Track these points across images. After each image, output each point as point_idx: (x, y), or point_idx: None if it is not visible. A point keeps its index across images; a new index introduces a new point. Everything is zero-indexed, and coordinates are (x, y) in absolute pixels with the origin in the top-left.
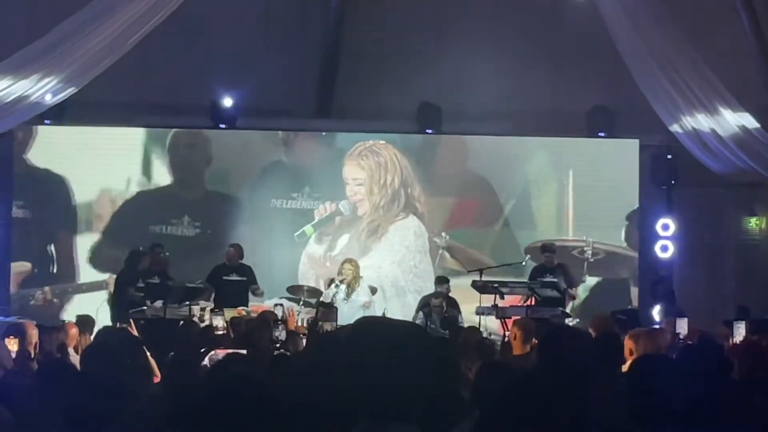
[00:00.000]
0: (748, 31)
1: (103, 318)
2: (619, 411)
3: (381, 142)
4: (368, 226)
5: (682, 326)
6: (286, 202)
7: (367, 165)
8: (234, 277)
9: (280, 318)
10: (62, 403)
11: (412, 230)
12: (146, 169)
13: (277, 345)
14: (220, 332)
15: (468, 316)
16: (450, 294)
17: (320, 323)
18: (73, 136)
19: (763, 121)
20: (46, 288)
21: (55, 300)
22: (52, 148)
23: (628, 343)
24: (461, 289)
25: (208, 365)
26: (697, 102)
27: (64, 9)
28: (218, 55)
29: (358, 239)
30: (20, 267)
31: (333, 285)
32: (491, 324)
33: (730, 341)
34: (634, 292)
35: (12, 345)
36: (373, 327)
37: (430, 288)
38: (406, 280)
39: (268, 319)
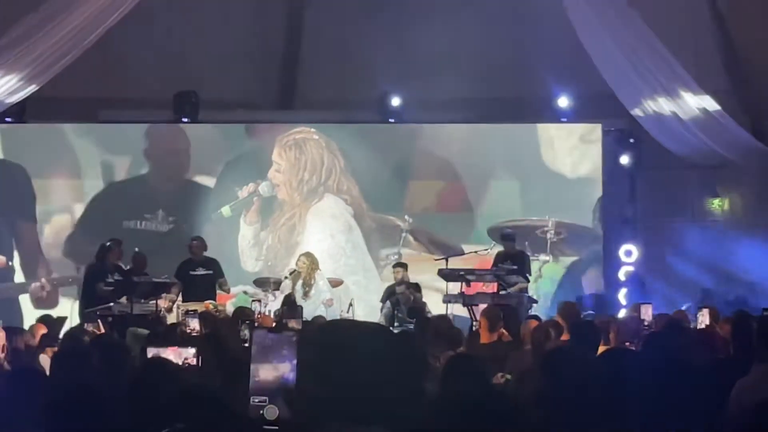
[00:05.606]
0: (708, 14)
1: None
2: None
3: (311, 131)
4: (287, 223)
5: (647, 312)
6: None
7: (288, 158)
8: (201, 272)
9: (251, 316)
10: (34, 409)
11: (328, 213)
12: (114, 164)
13: (246, 344)
14: (195, 334)
15: (433, 300)
16: (410, 280)
17: (285, 321)
18: (40, 134)
19: (723, 104)
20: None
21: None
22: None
23: None
24: (426, 269)
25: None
26: (658, 86)
27: (22, 8)
28: (181, 48)
29: (281, 241)
30: None
31: (285, 279)
32: (458, 310)
33: (691, 326)
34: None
35: None
36: (339, 329)
37: (368, 265)
38: (339, 267)
39: (234, 319)
